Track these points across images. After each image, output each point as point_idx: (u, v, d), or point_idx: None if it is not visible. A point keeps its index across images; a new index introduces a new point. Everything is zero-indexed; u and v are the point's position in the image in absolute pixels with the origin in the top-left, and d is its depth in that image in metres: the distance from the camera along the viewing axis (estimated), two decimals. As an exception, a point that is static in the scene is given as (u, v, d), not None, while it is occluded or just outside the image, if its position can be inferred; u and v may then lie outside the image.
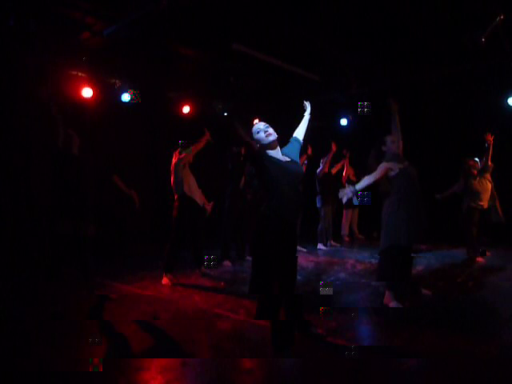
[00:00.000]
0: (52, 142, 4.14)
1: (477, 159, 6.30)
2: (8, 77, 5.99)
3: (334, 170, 7.79)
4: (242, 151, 6.26)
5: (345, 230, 8.54)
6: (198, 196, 5.33)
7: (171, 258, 5.05)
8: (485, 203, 6.05)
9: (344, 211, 8.43)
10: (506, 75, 7.06)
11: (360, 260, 6.29)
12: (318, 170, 7.50)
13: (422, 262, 6.00)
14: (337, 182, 7.91)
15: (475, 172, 6.12)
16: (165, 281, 5.00)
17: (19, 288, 4.90)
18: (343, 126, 9.00)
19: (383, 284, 4.20)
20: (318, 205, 7.55)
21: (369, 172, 4.40)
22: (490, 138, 6.01)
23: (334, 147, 7.40)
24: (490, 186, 6.13)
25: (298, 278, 5.12)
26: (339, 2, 5.47)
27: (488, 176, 6.14)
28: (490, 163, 6.08)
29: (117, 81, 6.87)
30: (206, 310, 3.99)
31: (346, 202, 8.22)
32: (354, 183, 8.26)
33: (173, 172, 5.22)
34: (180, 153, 5.24)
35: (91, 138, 6.98)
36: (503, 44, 6.20)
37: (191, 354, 2.99)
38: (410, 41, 6.48)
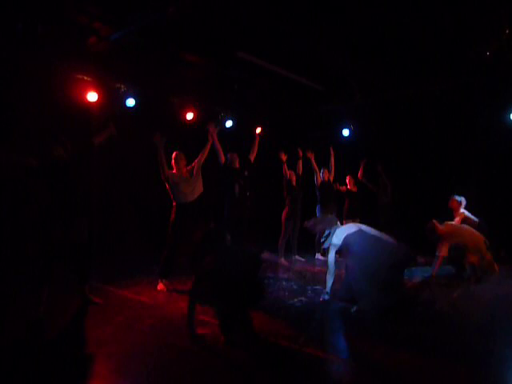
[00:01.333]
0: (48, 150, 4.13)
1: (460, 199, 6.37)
2: (15, 79, 6.07)
3: (331, 176, 7.78)
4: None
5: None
6: (197, 193, 5.36)
7: (167, 264, 5.08)
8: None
9: (344, 222, 8.40)
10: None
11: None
12: (315, 179, 7.53)
13: (419, 275, 5.98)
14: (337, 191, 7.93)
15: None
16: (160, 286, 5.03)
17: (11, 290, 4.95)
18: (345, 137, 9.02)
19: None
20: (318, 214, 7.55)
21: None
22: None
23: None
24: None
25: (294, 287, 5.20)
26: (344, 13, 5.54)
27: None
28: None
29: (122, 85, 6.93)
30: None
31: (346, 212, 8.31)
32: (354, 194, 8.29)
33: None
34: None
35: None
36: (509, 57, 6.23)
37: (164, 360, 3.01)
38: (415, 52, 6.53)
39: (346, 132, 8.94)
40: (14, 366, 2.93)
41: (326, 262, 6.99)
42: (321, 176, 7.53)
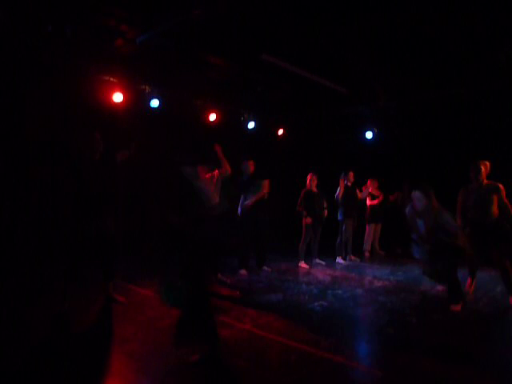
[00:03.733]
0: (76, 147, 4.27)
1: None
2: (43, 80, 6.24)
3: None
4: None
5: (367, 246, 8.40)
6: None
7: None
8: None
9: (367, 226, 8.32)
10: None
11: (378, 277, 6.19)
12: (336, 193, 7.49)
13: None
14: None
15: None
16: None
17: (35, 287, 5.07)
18: (368, 140, 8.94)
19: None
20: (340, 218, 7.49)
21: None
22: None
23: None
24: None
25: (314, 291, 5.17)
26: (369, 15, 5.47)
27: None
28: None
29: (146, 86, 7.03)
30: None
31: (368, 217, 8.25)
32: (374, 197, 8.21)
33: None
34: None
35: (119, 141, 7.21)
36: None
37: (185, 360, 3.00)
38: (442, 54, 6.41)
39: (369, 135, 8.86)
40: (38, 361, 2.99)
41: (346, 267, 7.04)
42: (345, 181, 7.44)
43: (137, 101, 7.09)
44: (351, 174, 7.59)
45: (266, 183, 6.29)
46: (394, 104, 8.07)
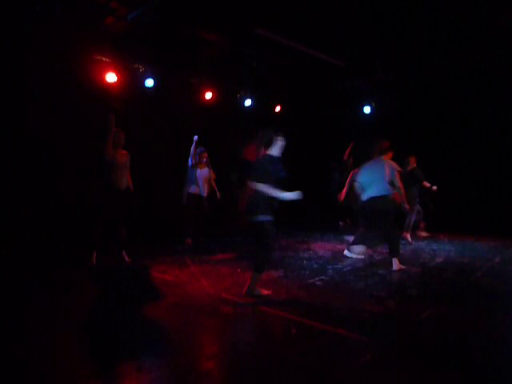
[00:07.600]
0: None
1: None
2: (34, 61, 6.12)
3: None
4: None
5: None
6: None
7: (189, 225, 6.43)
8: None
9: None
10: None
11: (378, 251, 6.21)
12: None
13: (442, 254, 5.92)
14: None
15: None
16: (188, 241, 6.47)
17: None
18: (366, 114, 8.86)
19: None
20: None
21: None
22: None
23: None
24: None
25: (315, 266, 5.21)
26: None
27: None
28: None
29: (140, 66, 6.92)
30: (213, 295, 4.05)
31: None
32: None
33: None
34: None
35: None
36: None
37: (189, 337, 3.05)
38: (439, 24, 6.29)
39: (367, 109, 8.78)
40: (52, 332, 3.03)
41: (346, 242, 7.06)
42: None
43: (131, 81, 6.99)
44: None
45: None
46: (391, 77, 7.96)
